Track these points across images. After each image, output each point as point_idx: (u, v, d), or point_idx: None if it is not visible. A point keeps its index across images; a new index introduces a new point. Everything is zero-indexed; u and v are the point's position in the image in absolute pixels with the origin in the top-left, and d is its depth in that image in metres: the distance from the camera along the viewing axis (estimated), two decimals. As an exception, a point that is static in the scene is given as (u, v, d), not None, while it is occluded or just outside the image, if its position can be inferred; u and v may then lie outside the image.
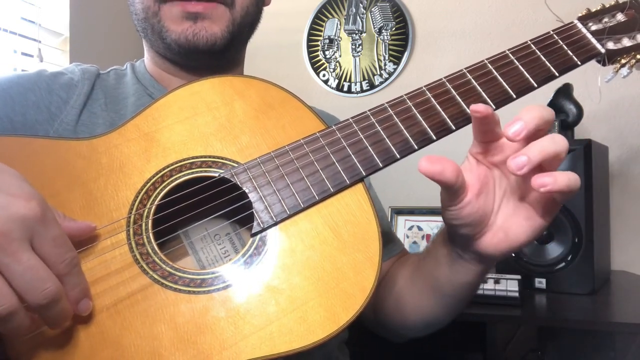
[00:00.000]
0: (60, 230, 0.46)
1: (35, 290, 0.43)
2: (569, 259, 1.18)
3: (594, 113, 1.48)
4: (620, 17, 0.69)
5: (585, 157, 1.17)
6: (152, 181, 0.57)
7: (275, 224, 0.56)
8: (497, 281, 1.13)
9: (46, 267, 0.44)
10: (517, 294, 1.08)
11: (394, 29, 1.78)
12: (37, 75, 0.72)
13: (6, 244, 0.42)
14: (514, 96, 0.62)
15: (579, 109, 1.29)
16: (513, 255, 1.24)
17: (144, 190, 0.57)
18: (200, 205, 0.58)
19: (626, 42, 0.68)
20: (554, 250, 1.22)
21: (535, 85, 0.63)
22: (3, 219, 0.42)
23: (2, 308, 0.41)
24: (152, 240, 0.55)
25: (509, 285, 1.10)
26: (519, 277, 1.14)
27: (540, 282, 1.21)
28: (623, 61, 0.68)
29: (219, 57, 0.73)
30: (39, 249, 0.44)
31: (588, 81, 0.71)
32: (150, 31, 0.72)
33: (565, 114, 1.30)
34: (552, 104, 1.31)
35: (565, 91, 1.30)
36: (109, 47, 1.61)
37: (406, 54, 1.75)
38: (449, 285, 0.62)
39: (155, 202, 0.56)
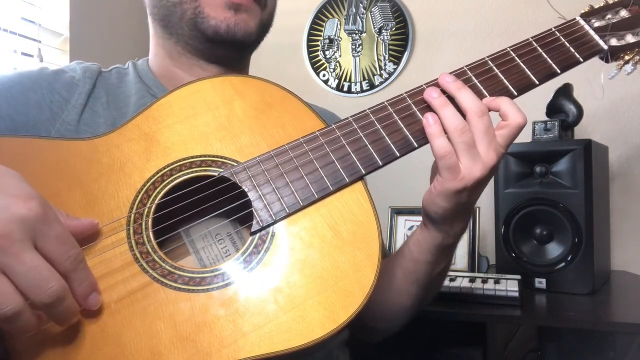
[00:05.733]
0: (63, 228, 0.46)
1: (39, 289, 0.43)
2: (569, 259, 1.18)
3: (594, 113, 1.48)
4: (623, 13, 0.68)
5: (585, 157, 1.17)
6: (152, 180, 0.58)
7: (275, 222, 0.56)
8: (497, 281, 1.13)
9: (49, 266, 0.44)
10: (517, 294, 1.07)
11: (394, 29, 1.77)
12: (39, 74, 0.72)
13: (8, 246, 0.42)
14: (515, 93, 0.62)
15: (579, 109, 1.29)
16: (513, 255, 1.24)
17: (144, 190, 0.57)
18: (200, 204, 0.58)
19: (630, 38, 0.67)
20: (554, 250, 1.22)
21: (537, 82, 0.63)
22: (3, 221, 0.42)
23: (7, 309, 0.42)
24: (152, 239, 0.55)
25: (509, 285, 1.09)
26: (519, 277, 1.14)
27: (540, 282, 1.21)
28: (627, 57, 0.68)
29: (247, 51, 0.76)
30: (43, 248, 0.44)
31: (591, 78, 0.70)
32: (177, 17, 0.72)
33: (565, 114, 1.29)
34: (552, 104, 1.31)
35: (565, 91, 1.29)
36: (109, 47, 1.61)
37: (406, 54, 1.75)
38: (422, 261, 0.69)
39: (155, 201, 0.57)
